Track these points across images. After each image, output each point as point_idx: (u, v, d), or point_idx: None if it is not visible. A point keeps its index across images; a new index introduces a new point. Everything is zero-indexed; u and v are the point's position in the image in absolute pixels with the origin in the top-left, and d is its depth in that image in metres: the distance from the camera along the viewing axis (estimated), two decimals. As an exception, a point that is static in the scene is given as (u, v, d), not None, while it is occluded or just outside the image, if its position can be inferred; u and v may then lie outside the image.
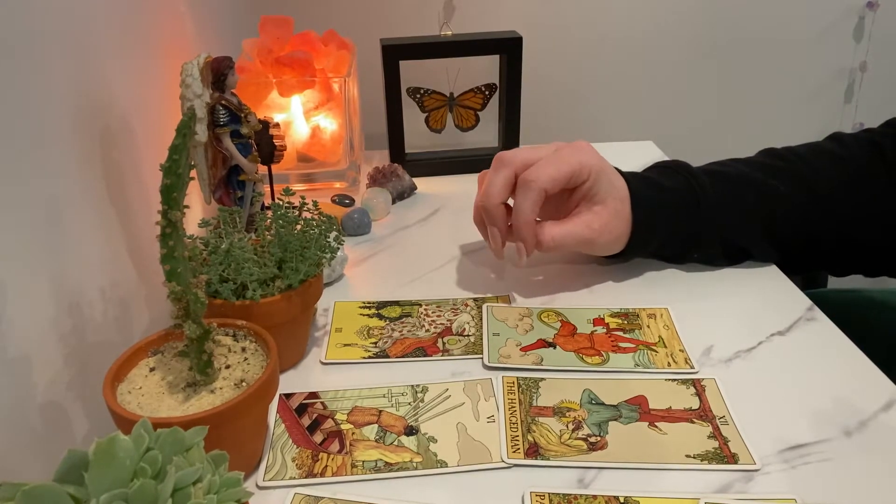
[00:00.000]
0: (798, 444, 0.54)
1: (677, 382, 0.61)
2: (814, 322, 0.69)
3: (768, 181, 0.75)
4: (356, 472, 0.53)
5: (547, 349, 0.66)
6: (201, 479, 0.36)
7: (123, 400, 0.49)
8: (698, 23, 1.33)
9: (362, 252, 0.86)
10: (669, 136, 1.35)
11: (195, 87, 0.67)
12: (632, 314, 0.71)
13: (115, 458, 0.34)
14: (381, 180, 0.98)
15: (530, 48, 1.20)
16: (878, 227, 0.74)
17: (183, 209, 0.47)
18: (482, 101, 1.06)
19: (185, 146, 0.46)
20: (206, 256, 0.62)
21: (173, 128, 0.46)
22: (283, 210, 0.64)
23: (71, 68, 0.55)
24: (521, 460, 0.53)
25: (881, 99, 1.41)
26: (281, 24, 0.96)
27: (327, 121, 0.99)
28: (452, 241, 0.87)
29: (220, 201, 0.75)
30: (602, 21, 1.32)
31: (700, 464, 0.52)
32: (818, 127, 1.42)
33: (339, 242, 0.66)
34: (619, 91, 1.38)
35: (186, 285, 0.48)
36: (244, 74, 0.92)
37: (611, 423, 0.57)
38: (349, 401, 0.60)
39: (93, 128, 0.58)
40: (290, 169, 0.99)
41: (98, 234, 0.58)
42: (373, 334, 0.69)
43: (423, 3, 1.27)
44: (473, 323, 0.70)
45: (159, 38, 0.76)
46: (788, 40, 1.36)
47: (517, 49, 1.00)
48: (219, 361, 0.53)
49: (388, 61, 0.99)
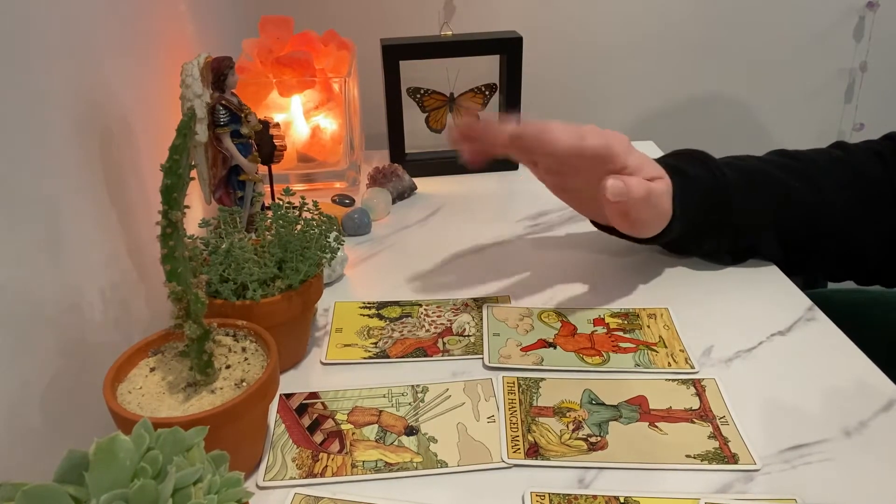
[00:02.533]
0: (798, 444, 0.54)
1: (677, 382, 0.61)
2: (814, 322, 0.69)
3: (786, 179, 0.75)
4: (356, 473, 0.53)
5: (547, 349, 0.66)
6: (202, 480, 0.36)
7: (123, 400, 0.49)
8: (698, 23, 1.33)
9: (362, 252, 0.86)
10: (669, 136, 1.35)
11: (195, 87, 0.67)
12: (632, 314, 0.71)
13: (115, 458, 0.34)
14: (381, 180, 0.98)
15: (530, 48, 1.19)
16: (876, 234, 0.75)
17: (183, 209, 0.47)
18: (482, 101, 1.06)
19: (186, 146, 0.46)
20: (207, 256, 0.62)
21: (173, 128, 0.46)
22: (283, 210, 0.64)
23: (71, 68, 0.55)
24: (522, 460, 0.53)
25: (881, 99, 1.41)
26: (281, 24, 0.96)
27: (327, 121, 0.99)
28: (452, 241, 0.87)
29: (221, 201, 0.75)
30: (602, 21, 1.32)
31: (700, 464, 0.52)
32: (818, 127, 1.42)
33: (340, 242, 0.66)
34: (619, 91, 1.38)
35: (187, 285, 0.48)
36: (244, 74, 0.92)
37: (611, 423, 0.57)
38: (349, 401, 0.60)
39: (93, 128, 0.58)
40: (290, 169, 0.99)
41: (98, 235, 0.58)
42: (373, 334, 0.69)
43: (423, 3, 1.27)
44: (473, 323, 0.70)
45: (159, 38, 0.76)
46: (788, 40, 1.36)
47: (517, 49, 1.00)
48: (219, 361, 0.53)
49: (388, 61, 0.99)
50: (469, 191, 1.02)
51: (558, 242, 0.86)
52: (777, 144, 0.81)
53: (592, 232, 0.88)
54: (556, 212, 0.94)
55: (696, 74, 1.38)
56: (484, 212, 0.95)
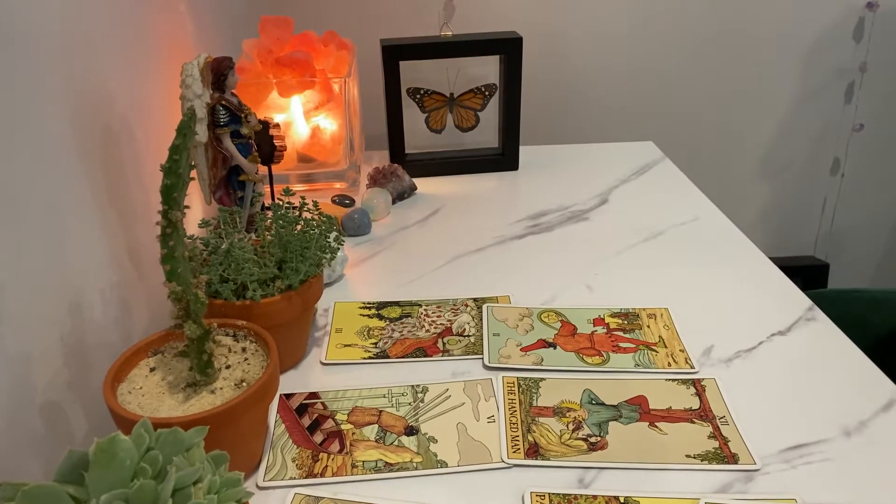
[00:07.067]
0: (798, 444, 0.54)
1: (677, 382, 0.61)
2: (814, 322, 0.69)
3: None
4: (356, 473, 0.53)
5: (547, 349, 0.66)
6: (201, 480, 0.36)
7: (124, 400, 0.49)
8: (699, 23, 1.33)
9: (362, 252, 0.86)
10: (669, 136, 1.35)
11: (195, 87, 0.67)
12: (632, 314, 0.71)
13: (115, 458, 0.34)
14: (381, 180, 0.98)
15: (530, 48, 1.20)
16: None
17: (183, 209, 0.47)
18: (482, 101, 1.06)
19: (186, 146, 0.46)
20: (207, 256, 0.62)
21: (173, 128, 0.46)
22: (283, 210, 0.64)
23: (71, 69, 0.55)
24: (521, 460, 0.53)
25: (881, 99, 1.41)
26: (281, 24, 0.96)
27: (327, 121, 0.99)
28: (452, 241, 0.87)
29: (221, 201, 0.75)
30: (602, 22, 1.32)
31: (700, 464, 0.52)
32: (818, 127, 1.42)
33: (339, 243, 0.66)
34: (619, 91, 1.38)
35: (186, 285, 0.48)
36: (244, 75, 0.92)
37: (611, 423, 0.57)
38: (349, 401, 0.60)
39: (93, 128, 0.58)
40: (290, 169, 0.99)
41: (98, 235, 0.58)
42: (373, 335, 0.69)
43: (423, 3, 1.27)
44: (473, 323, 0.70)
45: (159, 38, 0.76)
46: (788, 40, 1.36)
47: (517, 49, 1.00)
48: (219, 361, 0.53)
49: (388, 61, 0.99)
50: (469, 191, 1.02)
51: (558, 242, 0.86)
52: (777, 144, 0.81)
53: (592, 232, 0.88)
54: (556, 212, 0.94)
55: (696, 75, 1.38)
56: (484, 212, 0.95)
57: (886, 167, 1.47)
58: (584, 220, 0.92)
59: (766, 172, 1.44)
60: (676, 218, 0.91)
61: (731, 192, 1.44)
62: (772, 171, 1.44)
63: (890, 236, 1.54)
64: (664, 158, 1.11)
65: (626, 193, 0.99)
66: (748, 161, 1.43)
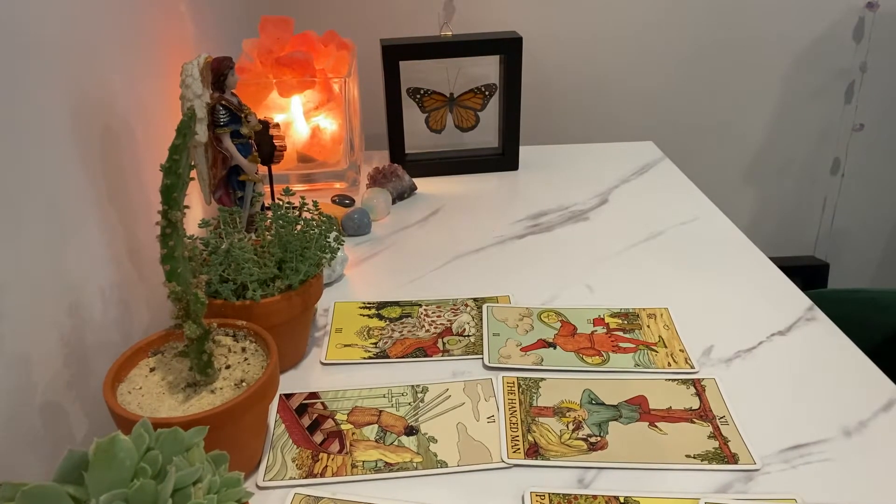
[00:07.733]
0: (798, 444, 0.54)
1: (677, 382, 0.61)
2: (814, 322, 0.69)
3: None
4: (356, 473, 0.53)
5: (547, 349, 0.66)
6: (201, 480, 0.36)
7: (123, 400, 0.49)
8: (699, 23, 1.33)
9: (362, 252, 0.86)
10: (669, 136, 1.35)
11: (195, 87, 0.67)
12: (632, 314, 0.71)
13: (115, 458, 0.34)
14: (381, 180, 0.98)
15: (530, 49, 1.20)
16: None
17: (183, 209, 0.47)
18: (482, 101, 1.06)
19: (186, 146, 0.46)
20: (206, 256, 0.62)
21: (173, 128, 0.46)
22: (283, 210, 0.64)
23: (71, 68, 0.55)
24: (521, 460, 0.53)
25: (881, 99, 1.41)
26: (281, 24, 0.96)
27: (327, 121, 0.99)
28: (452, 241, 0.87)
29: (220, 201, 0.75)
30: (602, 22, 1.32)
31: (700, 464, 0.52)
32: (818, 127, 1.42)
33: (339, 243, 0.66)
34: (619, 91, 1.38)
35: (186, 285, 0.48)
36: (244, 75, 0.92)
37: (611, 423, 0.57)
38: (349, 401, 0.60)
39: (93, 127, 0.58)
40: (290, 169, 0.99)
41: (98, 235, 0.58)
42: (373, 335, 0.69)
43: (423, 3, 1.27)
44: (473, 323, 0.70)
45: (159, 38, 0.76)
46: (788, 40, 1.36)
47: (517, 49, 1.00)
48: (219, 361, 0.53)
49: (388, 61, 0.99)
50: (469, 191, 1.02)
51: (558, 242, 0.86)
52: (777, 144, 0.81)
53: (592, 232, 0.88)
54: (556, 212, 0.94)
55: (696, 74, 1.38)
56: (484, 212, 0.95)
57: (886, 167, 1.47)
58: (584, 220, 0.92)
59: (767, 172, 1.44)
60: (676, 218, 0.91)
61: (732, 192, 1.44)
62: (772, 171, 1.44)
63: (890, 236, 1.54)
64: (664, 158, 1.11)
65: (626, 193, 0.99)
66: (748, 161, 1.43)
